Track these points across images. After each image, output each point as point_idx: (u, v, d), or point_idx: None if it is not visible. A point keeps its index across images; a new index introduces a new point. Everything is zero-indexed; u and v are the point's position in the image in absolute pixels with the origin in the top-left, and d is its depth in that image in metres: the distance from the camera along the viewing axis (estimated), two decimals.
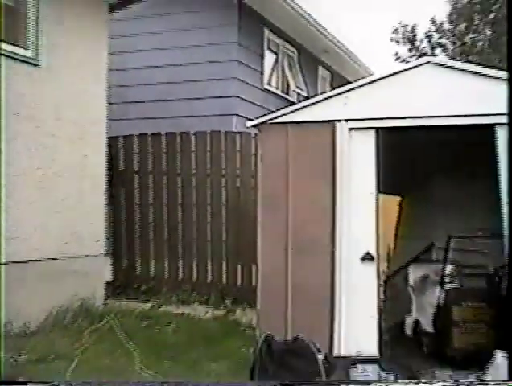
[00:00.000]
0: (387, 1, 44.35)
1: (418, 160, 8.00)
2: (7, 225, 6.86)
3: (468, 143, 7.17)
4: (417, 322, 7.55)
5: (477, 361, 5.73)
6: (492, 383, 4.52)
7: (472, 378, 5.53)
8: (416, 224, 8.68)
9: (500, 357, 5.43)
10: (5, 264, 6.77)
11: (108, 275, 8.68)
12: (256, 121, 6.92)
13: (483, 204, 7.38)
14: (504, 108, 5.91)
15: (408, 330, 7.65)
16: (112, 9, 8.61)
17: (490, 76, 6.12)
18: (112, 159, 9.49)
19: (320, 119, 6.55)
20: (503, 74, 6.11)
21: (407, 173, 8.06)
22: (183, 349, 6.76)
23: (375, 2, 45.70)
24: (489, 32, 21.37)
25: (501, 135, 6.00)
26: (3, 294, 5.99)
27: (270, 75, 13.18)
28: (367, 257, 6.41)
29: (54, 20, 7.49)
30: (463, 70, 6.25)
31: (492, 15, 21.26)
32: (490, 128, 6.06)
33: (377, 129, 6.44)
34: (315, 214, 6.55)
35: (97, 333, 7.00)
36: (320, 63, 15.50)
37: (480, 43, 21.36)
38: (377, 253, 6.49)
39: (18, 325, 6.76)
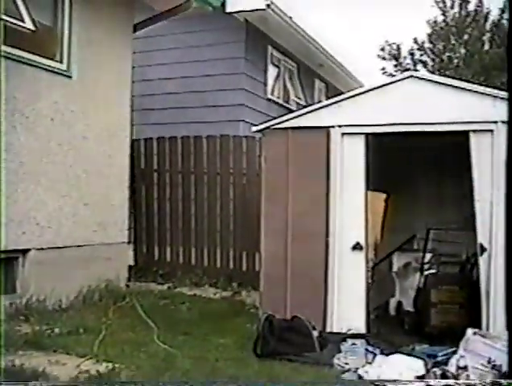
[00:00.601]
0: (376, 22, 44.24)
1: (402, 162, 8.00)
2: (43, 215, 6.91)
3: (445, 147, 7.20)
4: (400, 303, 7.58)
5: (451, 337, 5.76)
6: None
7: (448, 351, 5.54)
8: (400, 218, 8.67)
9: (471, 333, 5.45)
10: (41, 249, 6.83)
11: (130, 260, 8.68)
12: (260, 127, 6.94)
13: (457, 201, 7.41)
14: (476, 117, 5.99)
15: (392, 310, 7.67)
16: (135, 28, 8.62)
17: (464, 89, 6.14)
18: (134, 159, 9.51)
19: (317, 125, 6.56)
20: (475, 87, 6.18)
21: (393, 173, 8.04)
22: (195, 325, 6.77)
23: (365, 23, 45.58)
24: (463, 51, 21.39)
25: (474, 140, 6.03)
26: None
27: (273, 87, 13.18)
28: (357, 247, 6.43)
29: (85, 38, 7.52)
30: (441, 83, 6.28)
31: (466, 36, 21.33)
32: (465, 134, 6.08)
33: (367, 134, 6.46)
34: (312, 208, 6.57)
35: (121, 310, 7.05)
36: (317, 76, 15.48)
37: (455, 60, 21.37)
38: (366, 243, 6.51)
39: (51, 303, 6.80)
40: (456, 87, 6.16)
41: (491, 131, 5.95)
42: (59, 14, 7.28)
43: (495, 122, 5.91)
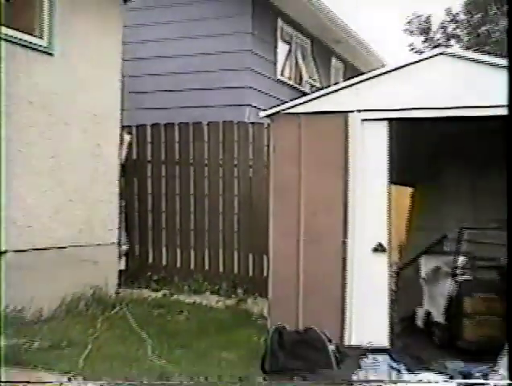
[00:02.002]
0: None
1: (430, 151, 8.01)
2: (21, 214, 6.92)
3: (481, 134, 7.17)
4: (428, 314, 7.57)
5: (489, 353, 5.76)
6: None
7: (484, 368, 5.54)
8: (428, 216, 8.66)
9: None
10: (19, 251, 6.84)
11: (120, 264, 8.72)
12: (269, 112, 6.95)
13: (495, 195, 7.37)
14: None
15: (419, 322, 7.68)
16: None
17: (505, 67, 6.10)
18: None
19: (333, 110, 6.58)
20: None
21: (420, 164, 8.06)
22: (194, 337, 6.80)
23: None
24: (504, 23, 21.26)
25: None
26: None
27: (284, 66, 13.19)
28: (379, 248, 6.44)
29: (69, 10, 7.53)
30: (478, 61, 6.26)
31: (507, 6, 21.17)
32: (504, 119, 6.05)
33: (390, 120, 6.46)
34: (327, 204, 6.59)
35: (110, 321, 7.08)
36: (333, 54, 15.50)
37: (496, 34, 21.23)
38: (389, 245, 6.53)
39: (30, 312, 6.82)
40: (496, 64, 6.12)
41: None
42: None
43: None
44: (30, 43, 7.14)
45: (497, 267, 7.34)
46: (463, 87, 6.16)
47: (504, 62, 6.16)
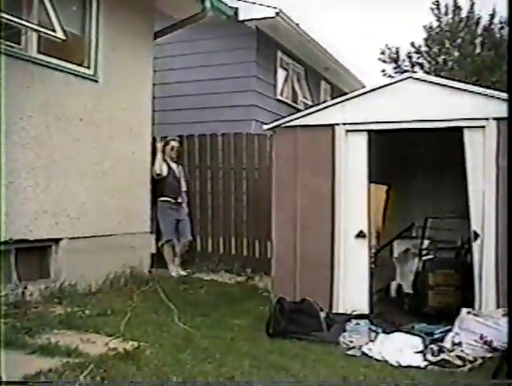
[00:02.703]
0: (377, 28, 44.16)
1: (402, 156, 8.02)
2: (74, 208, 6.97)
3: (441, 143, 7.21)
4: (400, 286, 7.62)
5: (447, 316, 5.80)
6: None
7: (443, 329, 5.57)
8: (400, 208, 8.69)
9: (465, 312, 5.48)
10: (72, 238, 6.89)
11: (152, 248, 8.71)
12: (271, 125, 6.98)
13: (452, 192, 7.41)
14: (469, 115, 6.00)
15: (393, 293, 7.71)
16: (155, 36, 8.65)
17: (458, 88, 6.16)
18: (155, 155, 9.51)
19: (323, 123, 6.61)
20: (467, 87, 6.20)
21: (394, 167, 8.07)
22: (212, 307, 6.83)
23: (366, 29, 45.51)
24: (456, 54, 21.36)
25: (467, 136, 6.05)
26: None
27: (282, 88, 13.16)
28: (360, 235, 6.48)
29: (110, 46, 7.56)
30: (437, 83, 6.30)
31: (459, 40, 21.31)
32: (459, 130, 6.09)
33: (369, 131, 6.49)
34: (319, 199, 6.61)
35: (144, 294, 7.10)
36: (323, 78, 15.45)
37: (450, 62, 21.33)
38: (369, 231, 6.56)
39: (82, 287, 6.86)
40: (451, 87, 6.19)
41: (483, 127, 5.97)
42: (86, 23, 7.33)
43: (486, 119, 5.94)
44: (81, 72, 7.20)
45: (453, 248, 7.43)
46: (426, 104, 6.20)
47: (457, 84, 6.22)
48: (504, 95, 5.92)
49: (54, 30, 6.46)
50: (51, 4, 6.48)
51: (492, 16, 20.79)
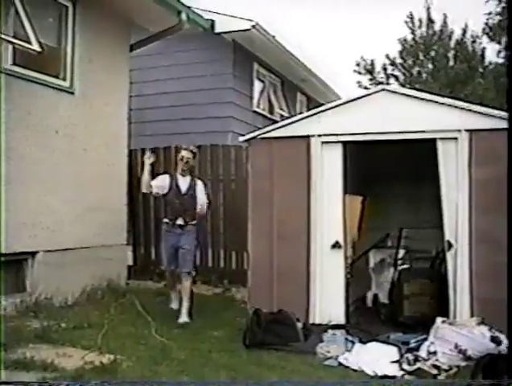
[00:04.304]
0: (352, 41, 44.56)
1: (377, 167, 8.06)
2: (51, 220, 6.92)
3: (418, 154, 7.26)
4: (376, 296, 7.65)
5: (423, 325, 5.83)
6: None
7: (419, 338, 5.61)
8: (376, 219, 8.72)
9: (440, 321, 5.53)
10: (49, 251, 6.84)
11: (129, 260, 8.68)
12: (246, 137, 6.99)
13: (426, 202, 7.48)
14: (442, 126, 6.08)
15: (369, 302, 7.75)
16: (132, 48, 8.66)
17: (431, 101, 6.23)
18: (132, 168, 9.49)
19: (298, 134, 6.62)
20: (441, 99, 6.28)
21: (369, 178, 8.12)
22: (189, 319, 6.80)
23: (342, 41, 45.87)
24: (430, 66, 21.67)
25: (441, 147, 6.12)
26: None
27: (259, 100, 13.19)
28: (336, 245, 6.50)
29: (86, 59, 7.57)
30: (411, 96, 6.37)
31: (433, 53, 21.66)
32: (432, 141, 6.15)
33: (344, 143, 6.52)
34: (295, 210, 6.62)
35: (121, 307, 7.06)
36: (299, 90, 15.52)
37: (424, 75, 21.64)
38: (345, 242, 6.58)
39: (58, 300, 6.82)
40: (424, 99, 6.25)
41: (455, 139, 6.04)
42: (62, 35, 7.34)
43: (459, 131, 6.01)
44: (57, 84, 7.20)
45: (428, 258, 7.48)
46: (400, 116, 6.25)
47: (431, 97, 6.30)
48: (475, 107, 6.04)
49: (30, 43, 6.44)
50: (27, 16, 6.47)
51: (464, 31, 21.23)
